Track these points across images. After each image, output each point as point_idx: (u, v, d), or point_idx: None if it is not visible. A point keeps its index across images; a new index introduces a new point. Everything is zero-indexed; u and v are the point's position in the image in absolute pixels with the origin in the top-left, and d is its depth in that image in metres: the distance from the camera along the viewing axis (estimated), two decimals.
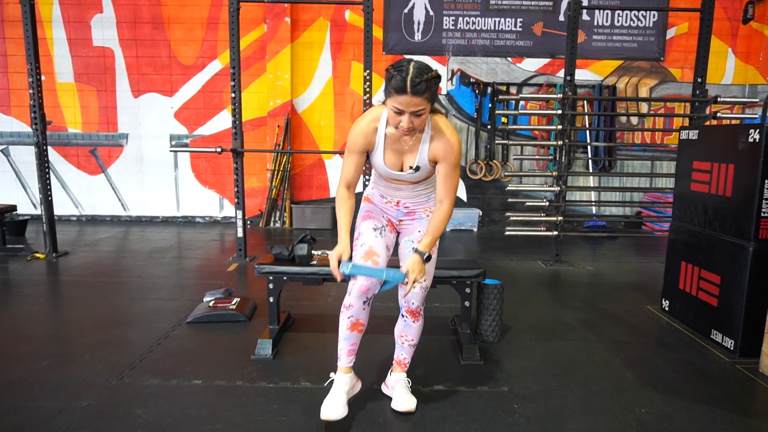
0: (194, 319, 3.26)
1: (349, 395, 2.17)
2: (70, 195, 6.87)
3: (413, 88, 1.82)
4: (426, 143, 2.06)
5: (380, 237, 2.19)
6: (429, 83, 1.85)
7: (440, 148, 2.05)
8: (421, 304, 2.21)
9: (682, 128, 3.44)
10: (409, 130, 1.92)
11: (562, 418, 2.23)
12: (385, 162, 2.11)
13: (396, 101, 1.87)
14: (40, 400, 2.30)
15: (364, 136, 2.08)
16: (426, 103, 1.88)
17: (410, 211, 2.26)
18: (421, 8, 6.55)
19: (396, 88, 1.84)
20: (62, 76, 6.62)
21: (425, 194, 2.25)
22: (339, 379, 2.15)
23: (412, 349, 2.31)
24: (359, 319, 2.12)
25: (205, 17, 6.53)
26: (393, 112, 1.91)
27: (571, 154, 6.46)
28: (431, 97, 1.90)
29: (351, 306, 2.10)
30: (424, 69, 1.86)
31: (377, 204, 2.31)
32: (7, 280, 4.21)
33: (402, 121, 1.90)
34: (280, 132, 6.54)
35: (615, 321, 3.43)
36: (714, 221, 3.06)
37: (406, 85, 1.82)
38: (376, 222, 2.24)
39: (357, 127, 2.09)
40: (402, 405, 2.18)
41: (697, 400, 2.39)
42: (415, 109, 1.87)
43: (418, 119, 1.91)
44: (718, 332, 3.00)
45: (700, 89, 4.80)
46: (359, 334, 2.16)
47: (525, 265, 4.87)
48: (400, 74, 1.84)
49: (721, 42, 6.58)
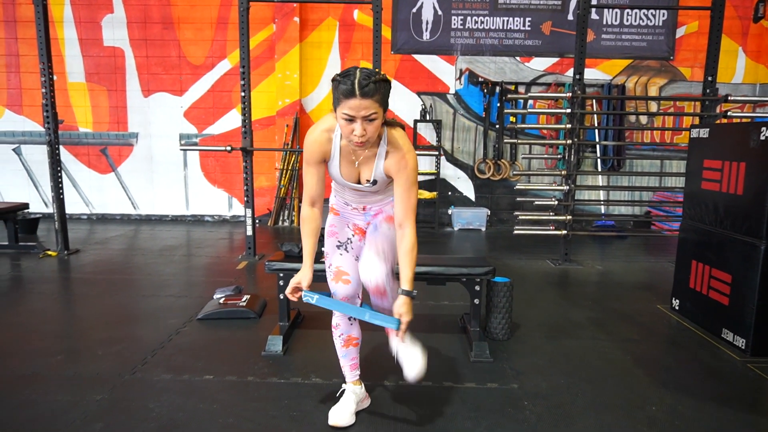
0: (205, 316, 3.29)
1: (358, 407, 2.18)
2: (80, 194, 6.94)
3: (362, 90, 1.72)
4: (381, 159, 1.94)
5: (346, 253, 2.11)
6: (378, 85, 1.75)
7: (394, 165, 1.92)
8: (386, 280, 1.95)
9: (692, 127, 3.43)
10: (362, 140, 1.78)
11: (571, 415, 2.23)
12: (342, 174, 2.00)
13: (345, 107, 1.75)
14: (55, 393, 2.33)
15: (319, 145, 1.95)
16: (377, 107, 1.76)
17: (377, 211, 2.16)
18: (430, 8, 6.56)
19: (344, 92, 1.74)
20: (73, 75, 6.68)
21: (390, 197, 2.11)
22: (349, 390, 2.19)
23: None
24: (350, 335, 2.14)
25: (215, 17, 6.57)
26: (344, 120, 1.78)
27: (580, 153, 6.44)
28: (382, 101, 1.78)
29: (338, 325, 2.13)
30: (371, 72, 1.76)
31: (343, 213, 2.20)
32: (20, 276, 4.26)
33: (354, 129, 1.77)
34: (288, 131, 6.57)
35: (624, 320, 3.42)
36: (725, 220, 3.05)
37: (354, 88, 1.72)
38: (339, 237, 2.14)
39: (310, 136, 1.96)
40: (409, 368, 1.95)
41: (708, 399, 2.38)
42: (366, 113, 1.75)
43: (372, 126, 1.78)
44: (729, 331, 2.98)
45: (710, 88, 4.77)
46: (355, 348, 2.17)
47: (534, 264, 4.87)
48: (347, 79, 1.74)
49: (731, 41, 6.54)
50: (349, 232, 2.17)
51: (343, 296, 2.05)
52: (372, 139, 1.83)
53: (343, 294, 2.06)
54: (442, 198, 6.74)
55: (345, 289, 2.06)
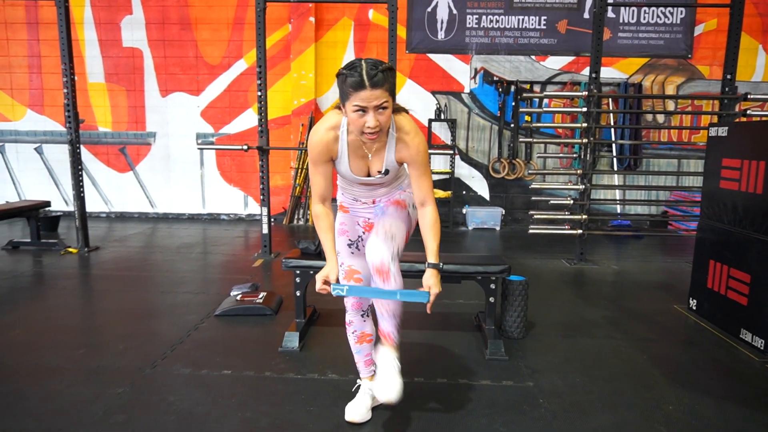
0: (222, 312, 3.34)
1: (374, 403, 2.20)
2: (100, 192, 7.06)
3: (371, 81, 1.72)
4: (392, 147, 1.95)
5: (357, 251, 2.13)
6: (385, 74, 1.75)
7: (406, 150, 1.94)
8: (391, 260, 1.90)
9: (711, 125, 3.40)
10: (376, 129, 1.79)
11: (588, 413, 2.23)
12: (351, 169, 2.00)
13: (356, 99, 1.75)
14: (78, 386, 2.39)
15: (325, 145, 1.94)
16: (387, 96, 1.77)
17: (387, 203, 2.14)
18: (445, 7, 6.56)
19: (353, 85, 1.74)
20: (93, 76, 6.80)
21: (398, 186, 2.14)
22: (365, 385, 2.21)
23: (394, 320, 1.98)
24: (363, 331, 2.16)
25: (231, 18, 6.64)
26: (355, 113, 1.78)
27: (596, 152, 6.40)
28: (391, 89, 1.79)
29: (351, 322, 2.15)
30: (377, 62, 1.77)
31: (352, 210, 2.19)
32: (42, 273, 4.35)
33: (367, 120, 1.77)
34: (304, 130, 6.62)
35: (641, 319, 3.40)
36: (744, 219, 3.02)
37: (363, 79, 1.72)
38: (350, 236, 2.14)
39: (315, 136, 1.94)
40: (382, 392, 1.88)
41: (726, 399, 2.36)
42: (378, 102, 1.75)
43: (384, 116, 1.79)
44: (747, 332, 2.95)
45: (729, 86, 4.71)
46: (369, 344, 2.19)
47: (549, 264, 4.85)
48: (355, 71, 1.74)
49: (751, 38, 6.44)
50: (360, 230, 2.18)
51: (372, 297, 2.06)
52: (385, 128, 1.84)
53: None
54: (457, 197, 6.74)
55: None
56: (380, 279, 1.91)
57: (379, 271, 1.91)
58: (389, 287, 1.90)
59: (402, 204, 2.11)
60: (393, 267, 1.91)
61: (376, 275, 1.92)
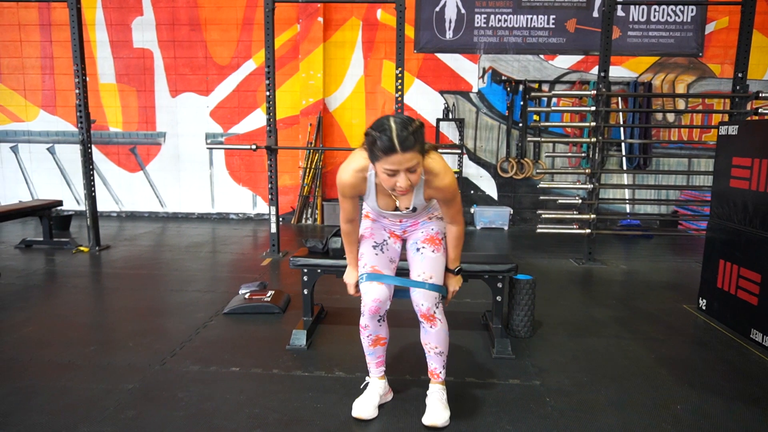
0: (230, 311, 3.37)
1: (381, 401, 2.21)
2: (111, 192, 7.13)
3: (402, 145, 1.72)
4: (420, 187, 1.98)
5: (381, 254, 2.16)
6: (416, 135, 1.76)
7: (435, 191, 2.00)
8: (434, 306, 2.06)
9: (721, 124, 3.37)
10: (407, 190, 1.84)
11: (595, 412, 2.22)
12: (379, 205, 2.07)
13: (387, 163, 1.76)
14: (89, 382, 2.42)
15: (353, 187, 2.01)
16: (418, 156, 1.79)
17: (414, 223, 2.20)
18: (453, 6, 6.55)
19: (384, 149, 1.74)
20: (104, 77, 6.88)
21: (426, 211, 2.18)
22: (373, 383, 2.22)
23: (440, 357, 2.14)
24: (378, 335, 2.17)
25: (240, 18, 6.68)
26: (386, 175, 1.81)
27: (604, 151, 6.37)
28: (421, 148, 1.81)
29: (367, 326, 2.15)
30: (406, 122, 1.77)
31: (378, 220, 2.24)
32: (54, 271, 4.41)
33: (398, 181, 1.80)
34: (312, 130, 6.65)
35: (649, 319, 3.38)
36: (754, 218, 2.99)
37: (394, 144, 1.72)
38: (376, 239, 2.19)
39: (343, 177, 1.99)
40: (428, 418, 2.07)
41: (735, 399, 2.35)
42: (409, 165, 1.77)
43: (414, 175, 1.82)
44: (758, 332, 2.93)
45: (740, 84, 4.67)
46: (383, 347, 2.21)
47: (557, 263, 4.84)
48: (384, 134, 1.73)
49: (763, 36, 6.37)
50: (385, 235, 2.23)
51: (376, 298, 2.07)
52: (416, 184, 1.89)
53: (375, 295, 2.07)
54: (465, 197, 6.73)
55: (378, 291, 2.08)
56: (428, 323, 2.09)
57: (426, 317, 2.08)
58: (435, 329, 2.09)
59: (437, 241, 2.16)
60: (438, 312, 2.09)
61: (423, 320, 2.09)
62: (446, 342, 2.14)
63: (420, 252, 2.15)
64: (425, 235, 2.17)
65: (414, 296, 2.09)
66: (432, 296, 2.07)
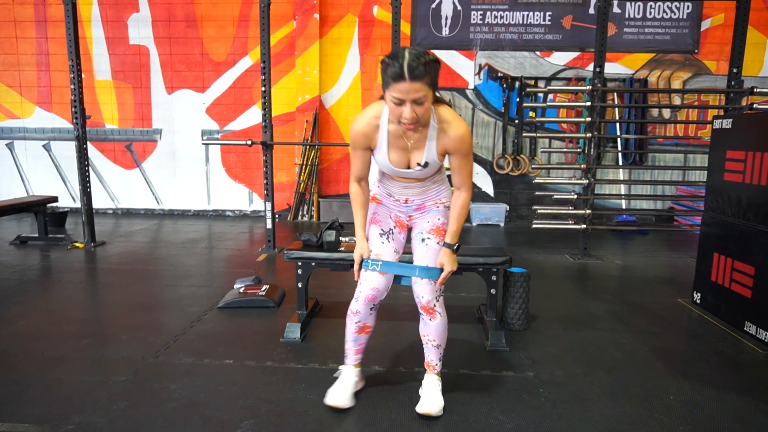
0: (225, 305, 3.36)
1: (355, 388, 2.20)
2: (106, 189, 7.12)
3: (411, 73, 1.72)
4: (433, 139, 1.95)
5: (387, 242, 2.16)
6: (427, 67, 1.74)
7: (450, 141, 1.95)
8: (434, 299, 2.08)
9: (715, 117, 3.38)
10: (412, 121, 1.81)
11: (588, 402, 2.23)
12: (390, 160, 2.02)
13: (395, 90, 1.76)
14: (83, 374, 2.42)
15: (365, 135, 2.00)
16: (427, 89, 1.77)
17: (420, 206, 2.19)
18: (449, 3, 6.55)
19: (393, 75, 1.74)
20: (100, 73, 6.86)
21: (435, 189, 2.17)
22: (347, 371, 2.21)
23: (437, 350, 2.16)
24: (366, 323, 2.16)
25: (237, 15, 6.67)
26: (393, 103, 1.80)
27: (600, 147, 6.37)
28: (431, 82, 1.78)
29: (358, 312, 2.12)
30: (421, 53, 1.76)
31: (385, 203, 2.22)
32: (49, 267, 4.40)
33: (404, 112, 1.79)
34: (308, 127, 6.64)
35: (644, 312, 3.39)
36: (748, 211, 3.00)
37: (403, 71, 1.72)
38: (382, 226, 2.19)
39: (357, 124, 2.00)
40: (422, 406, 2.08)
41: (728, 390, 2.35)
42: (416, 96, 1.75)
43: (421, 108, 1.80)
44: (752, 324, 2.93)
45: (735, 80, 4.68)
46: (367, 335, 2.20)
47: (552, 259, 4.84)
48: (396, 61, 1.74)
49: (758, 33, 6.39)
50: (391, 223, 2.21)
51: (375, 287, 2.08)
52: (423, 120, 1.86)
53: (375, 284, 2.08)
54: None
55: (379, 280, 2.08)
56: (428, 316, 2.11)
57: (426, 310, 2.09)
58: (434, 322, 2.10)
59: (443, 232, 2.14)
60: (438, 306, 2.10)
61: (423, 312, 2.10)
62: (444, 335, 2.15)
63: (425, 243, 2.13)
64: (431, 225, 2.15)
65: (415, 288, 2.09)
66: (433, 289, 2.07)
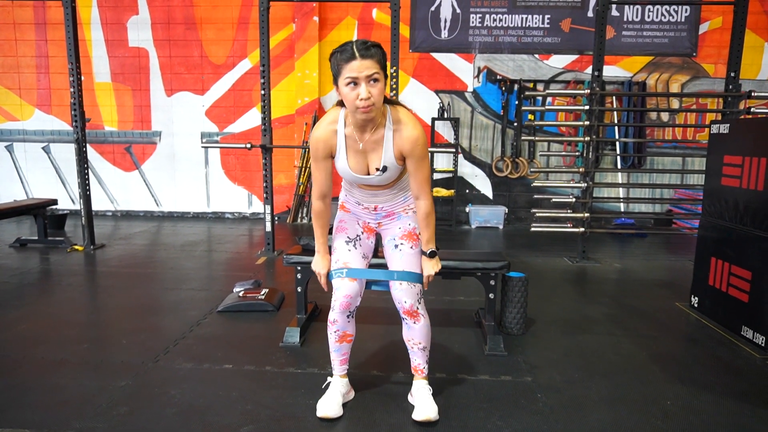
0: (225, 308, 3.37)
1: (344, 399, 2.22)
2: (106, 191, 7.13)
3: (361, 52, 1.80)
4: (389, 140, 1.97)
5: (354, 249, 2.16)
6: (376, 49, 1.84)
7: (404, 142, 1.97)
8: (416, 303, 2.09)
9: (712, 122, 3.39)
10: (368, 103, 1.82)
11: (585, 407, 2.24)
12: (350, 166, 2.02)
13: (347, 71, 1.81)
14: (83, 379, 2.43)
15: (324, 141, 2.01)
16: (378, 68, 1.82)
17: (389, 212, 2.19)
18: (448, 6, 6.57)
19: (344, 59, 1.81)
20: (100, 76, 6.87)
21: (402, 196, 2.18)
22: (335, 382, 2.23)
23: (424, 353, 2.18)
24: (345, 331, 2.17)
25: (236, 17, 6.68)
26: (347, 87, 1.83)
27: (599, 150, 6.39)
28: (381, 63, 1.84)
29: (335, 321, 2.14)
30: (366, 40, 1.86)
31: (353, 211, 2.23)
32: (49, 269, 4.41)
33: (360, 93, 1.81)
34: (307, 129, 6.65)
35: (642, 316, 3.40)
36: (745, 216, 3.01)
37: (354, 51, 1.80)
38: (349, 233, 2.19)
39: (316, 132, 2.02)
40: (419, 414, 2.08)
41: (725, 395, 2.37)
42: (369, 72, 1.80)
43: (376, 89, 1.83)
44: (749, 329, 2.95)
45: (733, 84, 4.70)
46: (348, 345, 2.21)
47: (551, 262, 4.86)
48: (345, 47, 1.83)
49: (756, 36, 6.41)
50: (359, 229, 2.20)
51: (347, 294, 2.08)
52: (378, 105, 1.86)
53: (347, 291, 2.08)
54: (460, 196, 6.75)
55: (350, 287, 2.09)
56: (411, 319, 2.12)
57: (408, 314, 2.10)
58: (419, 325, 2.12)
59: (415, 237, 2.15)
60: (420, 308, 2.12)
61: (407, 316, 2.11)
62: (429, 337, 2.17)
63: (398, 249, 2.13)
64: (403, 231, 2.15)
65: (396, 294, 2.09)
66: (414, 292, 2.08)
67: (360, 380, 2.41)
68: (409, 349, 2.20)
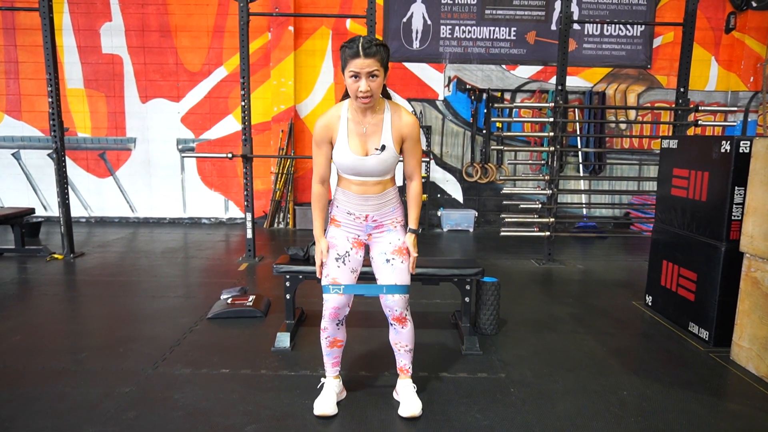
0: (214, 315, 3.52)
1: (338, 398, 2.43)
2: (79, 197, 7.09)
3: (365, 51, 2.04)
4: (388, 123, 2.21)
5: (343, 265, 2.30)
6: (379, 48, 2.07)
7: (403, 125, 2.21)
8: (405, 310, 2.31)
9: (663, 138, 3.74)
10: (367, 94, 2.08)
11: (553, 399, 2.51)
12: (350, 147, 2.19)
13: (351, 66, 2.06)
14: (86, 386, 2.56)
15: (327, 127, 2.22)
16: (379, 66, 2.07)
17: (379, 224, 2.32)
18: (420, 17, 6.82)
19: (350, 54, 2.06)
20: (72, 82, 6.84)
21: (392, 205, 2.31)
22: (329, 383, 2.44)
23: (410, 354, 2.41)
24: (336, 337, 2.39)
25: (211, 26, 6.77)
26: (350, 79, 2.09)
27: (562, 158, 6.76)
28: (383, 61, 2.09)
29: (326, 329, 2.36)
30: (372, 38, 2.09)
31: (344, 225, 2.33)
32: (28, 279, 4.44)
33: (360, 85, 2.07)
34: (283, 136, 6.80)
35: (602, 315, 3.72)
36: (691, 223, 3.36)
37: (359, 49, 2.04)
38: (338, 250, 2.31)
39: (321, 120, 2.25)
40: (405, 410, 2.30)
41: (673, 384, 2.68)
42: (370, 69, 2.05)
43: (374, 83, 2.08)
44: (694, 324, 3.30)
45: (682, 98, 5.10)
46: (339, 349, 2.43)
47: (519, 264, 5.16)
48: (353, 43, 2.07)
49: (704, 50, 6.91)
50: (348, 245, 2.33)
51: (335, 306, 2.28)
52: (376, 96, 2.14)
53: (335, 304, 2.28)
54: (432, 200, 7.02)
55: (338, 300, 2.28)
56: (399, 325, 2.34)
57: (397, 320, 2.33)
58: (406, 329, 2.36)
59: (405, 251, 2.33)
60: (407, 314, 2.35)
61: (396, 322, 2.34)
62: (414, 339, 2.42)
63: (390, 263, 2.30)
64: (393, 246, 2.31)
65: (388, 303, 2.28)
66: (404, 302, 2.30)
67: (350, 380, 2.62)
68: (396, 352, 2.43)
